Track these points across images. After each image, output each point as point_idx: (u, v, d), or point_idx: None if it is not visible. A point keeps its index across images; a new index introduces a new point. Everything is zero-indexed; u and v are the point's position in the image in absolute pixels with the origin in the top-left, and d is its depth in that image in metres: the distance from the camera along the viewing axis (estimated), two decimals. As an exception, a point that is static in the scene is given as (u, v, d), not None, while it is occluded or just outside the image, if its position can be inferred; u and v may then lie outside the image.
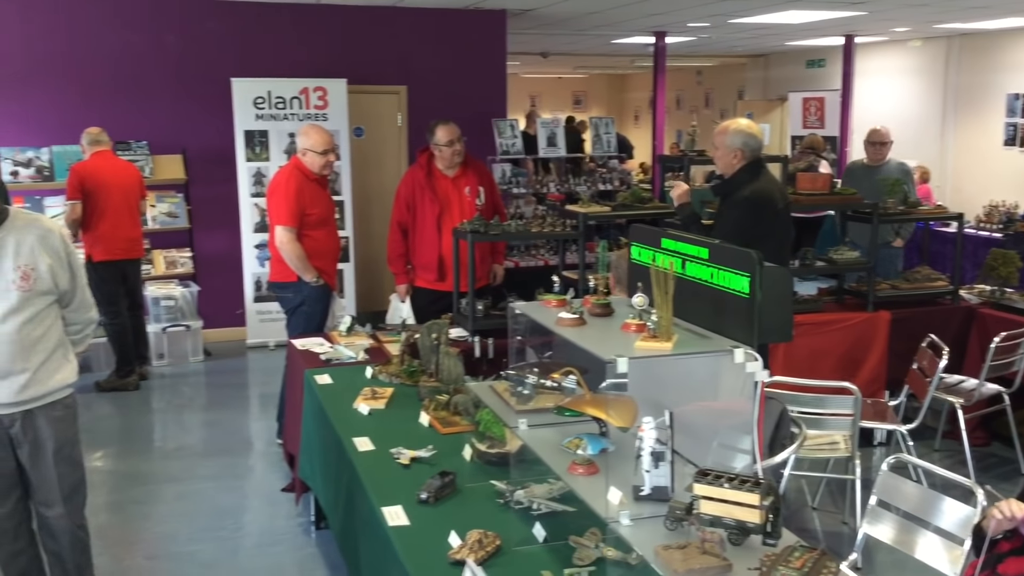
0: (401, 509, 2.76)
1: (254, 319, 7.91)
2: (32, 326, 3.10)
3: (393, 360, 4.23)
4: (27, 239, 3.07)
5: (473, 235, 4.66)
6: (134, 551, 4.08)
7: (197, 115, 7.85)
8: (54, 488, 3.21)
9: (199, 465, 5.35)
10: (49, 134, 7.36)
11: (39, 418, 3.16)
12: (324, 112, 7.74)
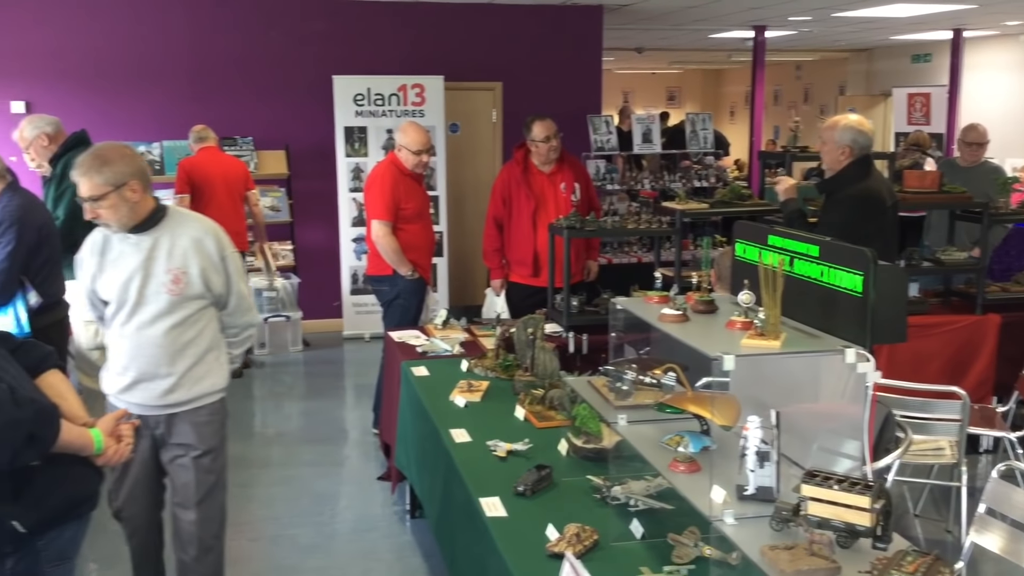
0: (499, 500, 2.79)
1: (350, 311, 8.07)
2: (181, 330, 3.06)
3: (488, 354, 4.27)
4: (181, 241, 3.03)
5: (569, 231, 4.66)
6: (239, 533, 4.22)
7: (299, 112, 8.06)
8: (190, 494, 3.16)
9: (298, 452, 5.50)
10: (160, 130, 7.65)
11: (183, 423, 3.12)
12: (421, 108, 7.84)
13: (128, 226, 2.99)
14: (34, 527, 2.20)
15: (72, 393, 2.42)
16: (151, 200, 3.03)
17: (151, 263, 3.01)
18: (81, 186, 2.92)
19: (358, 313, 8.05)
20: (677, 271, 4.91)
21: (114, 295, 3.05)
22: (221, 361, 3.19)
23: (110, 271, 3.05)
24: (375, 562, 4.07)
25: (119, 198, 2.91)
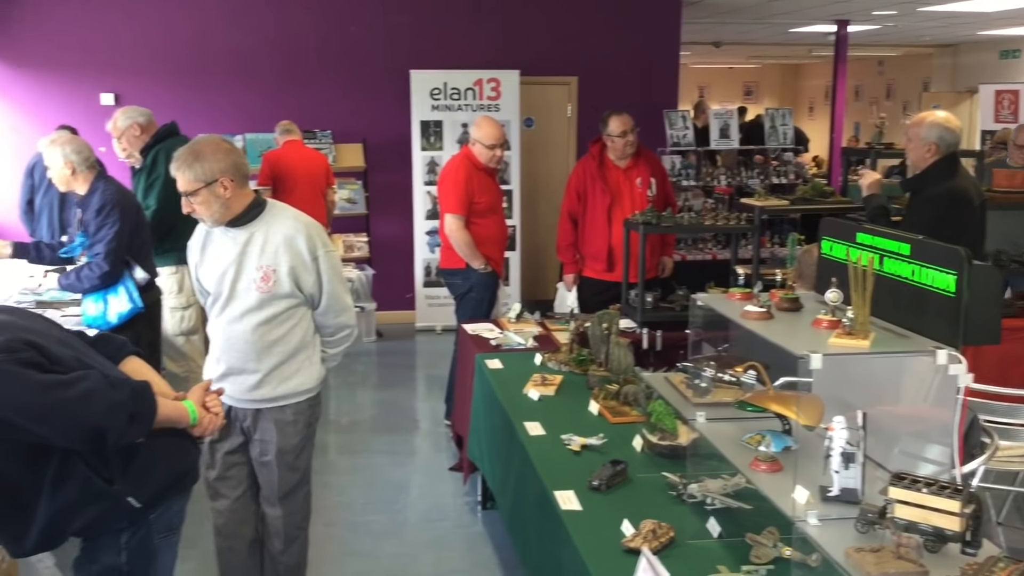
0: (573, 494, 2.79)
1: (423, 303, 8.15)
2: (269, 327, 3.03)
3: (562, 348, 4.27)
4: (273, 239, 2.99)
5: (645, 226, 4.64)
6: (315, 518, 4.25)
7: (377, 106, 8.16)
8: (273, 489, 3.19)
9: (371, 440, 5.58)
10: (243, 122, 7.83)
11: (267, 420, 3.12)
12: (496, 103, 7.87)
13: (221, 221, 2.99)
14: (147, 502, 2.29)
15: (155, 373, 2.49)
16: (247, 195, 3.01)
17: (244, 258, 3.00)
18: (177, 181, 2.95)
19: (430, 305, 8.13)
20: (755, 268, 4.85)
21: (212, 287, 3.10)
22: (312, 361, 3.15)
23: (210, 262, 3.09)
24: (447, 551, 4.11)
25: (211, 194, 2.91)
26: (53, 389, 2.03)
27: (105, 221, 4.15)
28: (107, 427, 2.09)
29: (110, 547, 2.32)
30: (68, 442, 2.09)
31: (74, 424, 2.05)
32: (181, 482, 2.43)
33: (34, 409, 2.00)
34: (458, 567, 3.96)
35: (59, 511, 2.18)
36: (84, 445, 2.12)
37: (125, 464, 2.23)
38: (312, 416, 3.22)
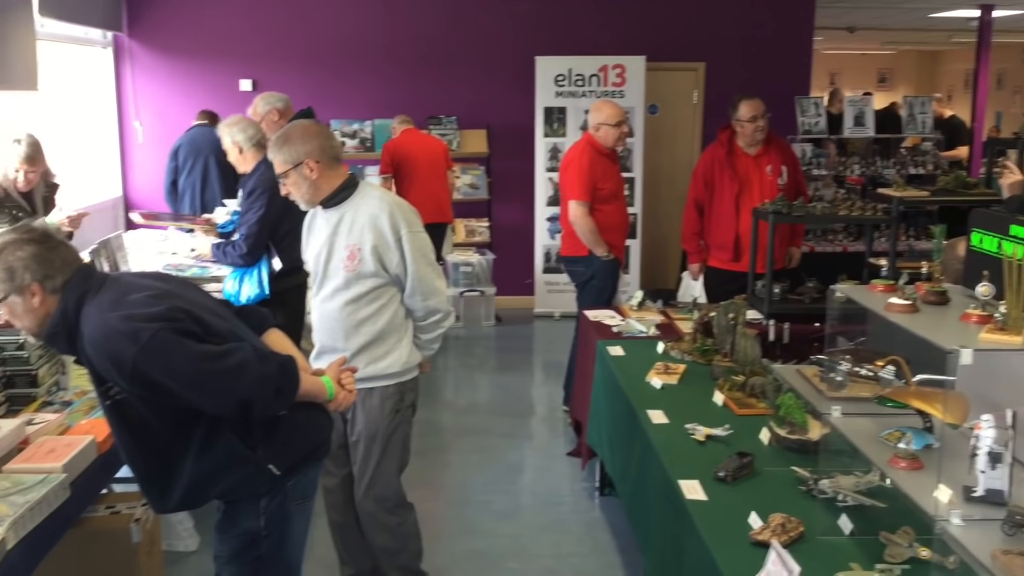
0: (698, 484, 2.76)
1: (542, 289, 8.19)
2: (355, 307, 3.06)
3: (685, 337, 4.22)
4: (360, 218, 3.03)
5: (775, 216, 4.51)
6: (436, 494, 4.40)
7: (502, 92, 8.22)
8: (360, 470, 3.21)
9: (490, 423, 5.65)
10: (372, 109, 8.02)
11: (356, 401, 3.10)
12: (621, 89, 7.82)
13: (312, 202, 3.07)
14: (285, 470, 2.38)
15: (295, 348, 2.58)
16: (337, 176, 3.05)
17: (335, 238, 3.06)
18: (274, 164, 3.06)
19: (549, 291, 8.16)
20: (892, 261, 4.66)
21: (311, 266, 3.19)
22: (402, 345, 3.13)
23: (311, 244, 3.18)
24: (564, 535, 4.13)
25: (298, 175, 2.98)
26: (209, 359, 2.13)
27: (253, 204, 4.31)
28: (255, 398, 2.19)
29: (250, 511, 2.41)
30: (218, 410, 2.20)
31: (225, 394, 2.16)
32: (316, 452, 2.52)
33: (190, 377, 2.11)
34: (575, 551, 3.98)
35: (203, 473, 2.29)
36: (232, 413, 2.22)
37: (267, 433, 2.33)
38: (401, 402, 3.18)
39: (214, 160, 6.73)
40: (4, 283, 2.19)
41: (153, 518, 3.45)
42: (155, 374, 2.10)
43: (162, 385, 2.11)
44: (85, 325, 2.16)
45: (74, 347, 2.22)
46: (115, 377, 2.14)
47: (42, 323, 2.21)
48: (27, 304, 2.19)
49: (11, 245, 2.21)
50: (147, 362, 2.08)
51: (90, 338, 2.14)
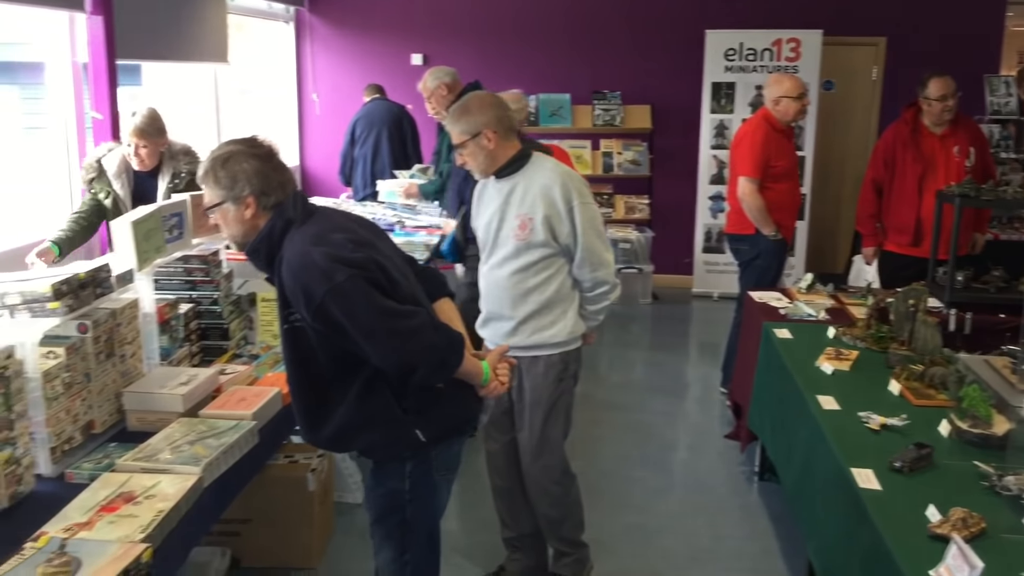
0: (872, 473, 2.66)
1: (701, 269, 8.06)
2: (524, 275, 3.11)
3: (858, 323, 4.06)
4: (533, 188, 3.07)
5: (962, 199, 4.27)
6: (591, 466, 4.43)
7: (668, 67, 8.10)
8: (525, 438, 3.25)
9: (645, 400, 5.62)
10: (537, 83, 8.06)
11: (521, 367, 3.14)
12: (795, 64, 7.55)
13: (487, 172, 3.13)
14: (431, 438, 2.42)
15: (461, 323, 2.60)
16: (512, 147, 3.10)
17: (506, 207, 3.11)
18: (450, 135, 3.13)
19: (708, 272, 8.02)
20: (1091, 252, 4.33)
21: (481, 235, 3.25)
22: (568, 315, 3.16)
23: (482, 213, 3.24)
24: (721, 516, 4.08)
25: (476, 146, 3.04)
26: (389, 315, 2.21)
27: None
28: (420, 364, 2.25)
29: (396, 472, 2.45)
30: (383, 364, 2.26)
31: (395, 351, 2.22)
32: (462, 427, 2.55)
33: (367, 327, 2.19)
34: (732, 534, 3.92)
35: (354, 421, 2.34)
36: (394, 372, 2.28)
37: (421, 399, 2.36)
38: (565, 371, 3.21)
39: (386, 133, 6.97)
40: (225, 189, 2.28)
41: (327, 469, 3.64)
42: (337, 314, 2.17)
43: (340, 326, 2.19)
44: (287, 249, 2.25)
45: (270, 266, 2.30)
46: (300, 306, 2.21)
47: (247, 235, 2.31)
48: (239, 214, 2.28)
49: (238, 155, 2.29)
50: (334, 302, 2.16)
51: (289, 263, 2.22)
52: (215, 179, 2.28)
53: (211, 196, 2.31)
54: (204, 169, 2.30)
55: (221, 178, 2.28)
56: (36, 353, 2.31)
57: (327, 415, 2.35)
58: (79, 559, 1.86)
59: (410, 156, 7.02)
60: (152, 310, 2.89)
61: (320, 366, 2.31)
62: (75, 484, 2.31)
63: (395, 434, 2.38)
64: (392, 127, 7.03)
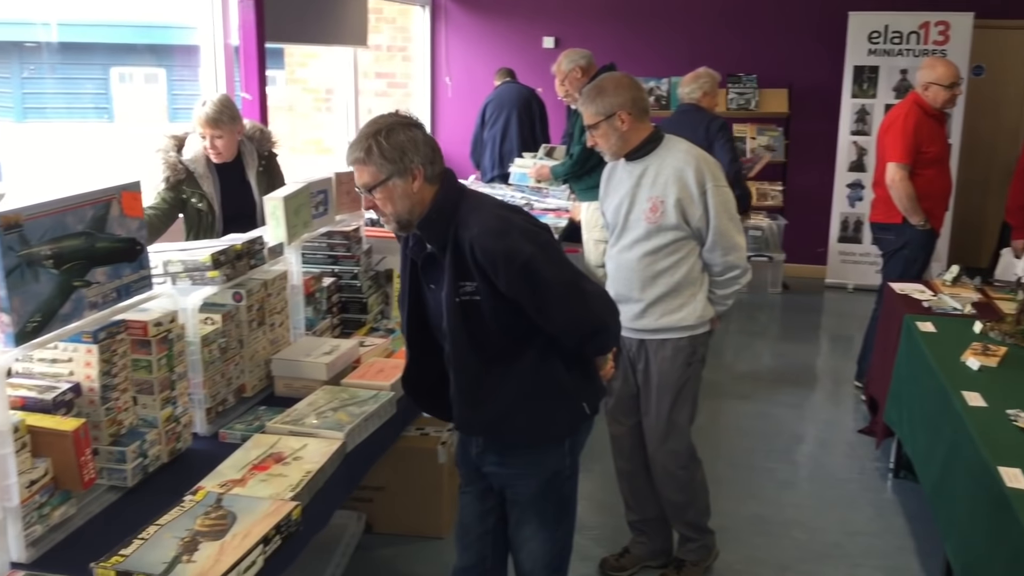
0: (1020, 472, 2.55)
1: (836, 259, 7.81)
2: (654, 258, 3.09)
3: (1007, 319, 3.86)
4: (665, 171, 3.04)
5: None
6: (717, 456, 4.38)
7: (806, 50, 7.86)
8: (652, 422, 3.24)
9: (773, 391, 5.50)
10: (668, 66, 7.95)
11: (648, 350, 3.18)
12: (943, 48, 7.20)
13: (618, 154, 3.11)
14: (592, 410, 2.41)
15: None
16: (645, 129, 3.08)
17: (637, 190, 3.08)
18: (583, 116, 3.12)
19: (843, 262, 7.77)
20: None
21: (610, 217, 3.24)
22: (697, 299, 3.12)
23: (611, 195, 3.22)
24: (853, 512, 3.96)
25: (609, 127, 3.03)
26: (581, 278, 2.27)
27: None
28: (607, 326, 2.30)
29: (556, 451, 2.41)
30: (569, 327, 2.25)
31: (588, 312, 2.25)
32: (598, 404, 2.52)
33: (565, 287, 2.21)
34: (863, 530, 3.81)
35: (524, 392, 2.29)
36: (577, 336, 2.28)
37: (584, 370, 2.38)
38: (693, 355, 3.18)
39: (515, 115, 7.03)
40: (391, 163, 2.16)
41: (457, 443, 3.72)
42: (543, 272, 2.15)
43: (539, 287, 2.16)
44: (470, 217, 2.18)
45: (443, 237, 2.20)
46: (494, 271, 2.14)
47: (413, 210, 2.20)
48: (406, 188, 2.17)
49: (399, 126, 2.19)
50: (539, 261, 2.15)
51: (487, 229, 2.16)
52: (381, 153, 2.15)
53: (375, 173, 2.17)
54: (363, 148, 2.16)
55: (387, 151, 2.15)
56: (196, 319, 2.45)
57: (494, 389, 2.30)
58: (234, 513, 1.97)
59: (538, 138, 7.06)
60: (299, 282, 3.02)
61: (491, 340, 2.25)
62: (228, 443, 2.44)
63: (564, 406, 2.37)
64: (521, 110, 7.08)
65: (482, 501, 2.57)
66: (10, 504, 1.81)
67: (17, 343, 1.84)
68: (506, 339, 2.26)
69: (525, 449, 2.41)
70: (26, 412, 1.93)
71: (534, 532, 2.47)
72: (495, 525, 2.57)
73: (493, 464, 2.45)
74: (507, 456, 2.44)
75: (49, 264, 1.91)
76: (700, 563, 3.41)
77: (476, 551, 2.59)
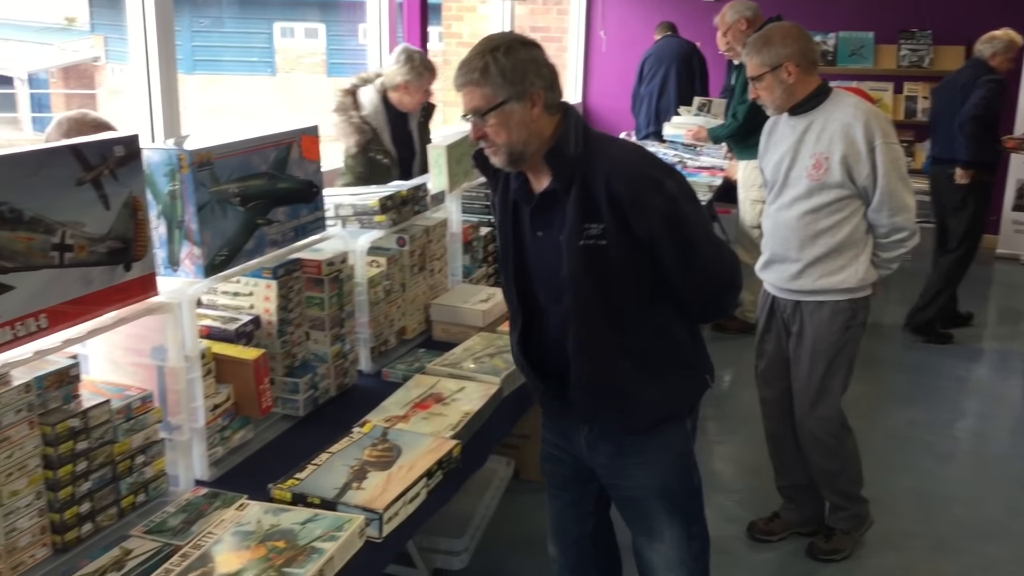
0: None
1: (1009, 228, 7.36)
2: (815, 217, 2.96)
3: None
4: (831, 126, 2.90)
5: None
6: (873, 427, 4.21)
7: (987, 4, 7.32)
8: (803, 385, 3.12)
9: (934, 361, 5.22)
10: (837, 20, 7.59)
11: (804, 312, 3.06)
12: None
13: (782, 108, 2.98)
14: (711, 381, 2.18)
15: None
16: (812, 82, 2.94)
17: (800, 146, 2.95)
18: (747, 67, 2.99)
19: (1017, 232, 7.30)
20: None
21: (769, 174, 3.11)
22: (860, 261, 2.97)
23: (771, 151, 3.09)
24: (1018, 490, 3.75)
25: (774, 79, 2.90)
26: (714, 235, 2.02)
27: None
28: (720, 287, 2.04)
29: (679, 433, 2.16)
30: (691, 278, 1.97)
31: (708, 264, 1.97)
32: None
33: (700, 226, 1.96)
34: (1032, 513, 3.61)
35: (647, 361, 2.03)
36: (707, 294, 2.03)
37: (701, 338, 2.17)
38: (853, 319, 3.03)
39: (674, 70, 6.88)
40: (510, 84, 1.85)
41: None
42: (686, 212, 1.92)
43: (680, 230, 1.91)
44: (605, 149, 1.93)
45: (570, 171, 1.91)
46: (632, 207, 1.87)
47: (528, 141, 1.89)
48: (524, 114, 1.87)
49: (518, 44, 1.90)
50: (682, 200, 1.92)
51: (622, 162, 1.90)
52: (500, 73, 1.84)
53: (490, 96, 1.86)
54: (478, 67, 1.85)
55: (507, 70, 1.84)
56: (363, 261, 2.55)
57: (616, 356, 2.00)
58: (399, 447, 2.05)
59: (697, 94, 6.89)
60: (458, 230, 3.08)
61: (614, 293, 1.95)
62: (389, 382, 2.54)
63: (690, 379, 2.13)
64: (681, 65, 6.92)
65: (578, 506, 2.31)
66: (196, 425, 1.94)
67: (206, 275, 1.96)
68: (630, 295, 1.97)
69: (646, 432, 2.11)
70: (211, 341, 2.06)
71: (664, 529, 2.16)
72: (596, 529, 2.34)
73: (606, 455, 2.14)
74: (626, 443, 2.12)
75: (236, 201, 2.02)
76: (852, 532, 3.31)
77: (577, 551, 2.35)
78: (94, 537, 1.71)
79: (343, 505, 1.81)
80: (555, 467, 2.30)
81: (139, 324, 1.80)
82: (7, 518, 1.56)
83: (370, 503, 1.81)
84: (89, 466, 1.69)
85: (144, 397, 1.81)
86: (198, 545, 1.66)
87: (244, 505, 1.81)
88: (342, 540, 1.67)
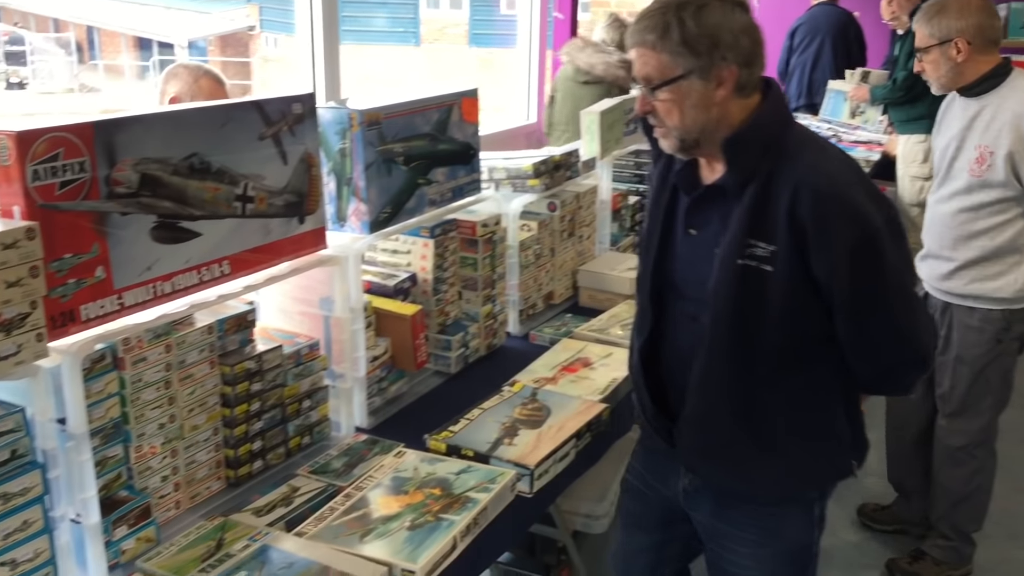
0: None
1: None
2: (972, 216, 2.71)
3: None
4: (1002, 115, 2.63)
5: None
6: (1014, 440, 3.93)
7: None
8: (944, 394, 2.92)
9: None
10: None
11: (953, 316, 2.84)
12: None
13: (947, 87, 2.76)
14: (857, 466, 1.79)
15: None
16: (987, 62, 2.68)
17: (968, 133, 2.70)
18: (915, 36, 2.80)
19: None
20: None
21: (936, 159, 2.90)
22: (1021, 268, 2.70)
23: (943, 133, 2.87)
24: None
25: (941, 54, 2.68)
26: (914, 293, 1.65)
27: None
28: (904, 359, 1.64)
29: (802, 519, 1.76)
30: (867, 341, 1.60)
31: (896, 327, 1.59)
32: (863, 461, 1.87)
33: (898, 276, 1.58)
34: None
35: (790, 419, 1.66)
36: (866, 361, 1.63)
37: (858, 412, 1.76)
38: (1006, 332, 2.78)
39: (829, 41, 6.59)
40: (694, 55, 1.50)
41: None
42: (886, 256, 1.52)
43: (872, 277, 1.53)
44: (802, 152, 1.56)
45: (753, 167, 1.55)
46: (820, 235, 1.50)
47: (705, 128, 1.56)
48: (705, 94, 1.53)
49: (715, 2, 1.51)
50: (885, 240, 1.52)
51: (823, 173, 1.52)
52: (682, 38, 1.50)
53: (667, 65, 1.53)
54: (658, 26, 1.51)
55: (692, 35, 1.49)
56: (516, 224, 2.58)
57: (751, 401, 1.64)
58: (548, 407, 2.08)
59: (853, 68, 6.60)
60: (608, 198, 3.07)
61: (766, 329, 1.58)
62: (536, 345, 2.57)
63: (832, 455, 1.72)
64: (837, 35, 6.61)
65: (657, 552, 1.97)
66: (357, 375, 2.02)
67: (371, 231, 2.03)
68: (784, 341, 1.60)
69: (762, 504, 1.74)
70: (371, 295, 2.14)
71: None
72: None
73: (706, 513, 1.80)
74: (732, 508, 1.76)
75: (400, 161, 2.08)
76: (942, 565, 3.05)
77: None
78: (264, 474, 1.81)
79: (495, 459, 1.85)
80: (638, 505, 1.96)
81: (308, 275, 1.88)
82: (188, 451, 1.67)
83: (522, 459, 1.84)
84: (262, 407, 1.78)
85: (312, 345, 1.90)
86: (360, 487, 1.74)
87: (402, 453, 1.88)
88: (495, 492, 1.72)
